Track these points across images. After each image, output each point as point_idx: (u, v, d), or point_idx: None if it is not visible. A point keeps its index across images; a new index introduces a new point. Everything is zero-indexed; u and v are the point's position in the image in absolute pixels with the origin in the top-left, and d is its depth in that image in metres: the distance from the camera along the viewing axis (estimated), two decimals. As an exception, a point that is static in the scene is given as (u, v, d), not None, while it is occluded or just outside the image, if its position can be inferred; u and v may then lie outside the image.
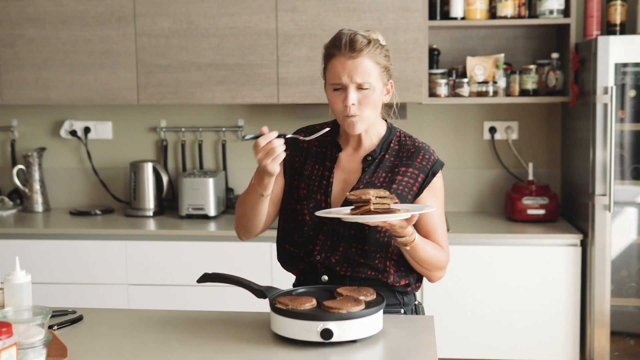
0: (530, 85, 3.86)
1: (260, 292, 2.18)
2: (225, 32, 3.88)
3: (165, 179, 4.16)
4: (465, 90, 3.87)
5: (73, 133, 4.35)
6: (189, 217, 4.03)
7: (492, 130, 4.15)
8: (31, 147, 4.41)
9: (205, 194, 4.01)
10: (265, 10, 3.83)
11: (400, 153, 2.38)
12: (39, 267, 3.80)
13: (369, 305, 2.08)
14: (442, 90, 3.88)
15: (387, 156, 2.37)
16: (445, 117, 4.19)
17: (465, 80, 3.87)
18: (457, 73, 4.01)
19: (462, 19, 3.86)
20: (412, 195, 2.33)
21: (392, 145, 2.39)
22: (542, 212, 3.84)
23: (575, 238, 3.59)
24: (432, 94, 3.91)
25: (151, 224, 3.96)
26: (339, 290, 2.16)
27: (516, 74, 3.88)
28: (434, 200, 2.36)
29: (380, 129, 2.40)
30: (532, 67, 3.85)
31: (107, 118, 4.38)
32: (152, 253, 3.78)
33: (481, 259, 3.64)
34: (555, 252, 3.60)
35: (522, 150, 4.17)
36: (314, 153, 2.43)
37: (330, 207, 2.33)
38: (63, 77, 3.98)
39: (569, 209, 3.95)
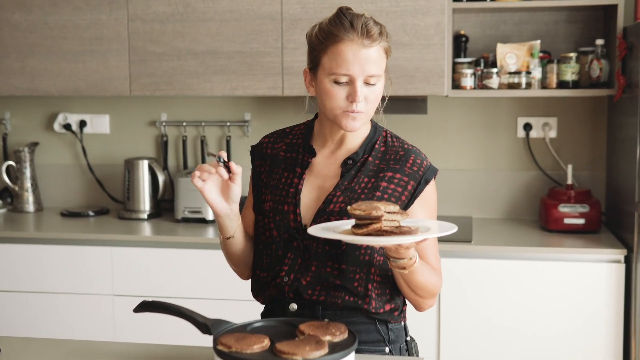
0: (569, 76, 3.37)
1: (205, 326, 1.77)
2: (225, 16, 3.48)
3: (161, 178, 3.78)
4: (494, 81, 3.40)
5: (67, 127, 4.00)
6: (185, 220, 3.65)
7: (527, 127, 3.67)
8: (24, 141, 4.08)
9: (203, 195, 3.61)
10: (269, -9, 3.42)
11: (386, 156, 1.97)
12: (20, 273, 3.46)
13: (335, 348, 1.66)
14: (468, 81, 3.42)
15: (370, 159, 1.97)
16: (473, 112, 3.72)
17: (495, 70, 3.40)
18: (487, 62, 3.54)
19: (492, 0, 3.38)
20: (400, 206, 1.92)
21: (376, 146, 1.99)
22: (581, 221, 3.35)
23: (619, 253, 3.09)
24: (457, 85, 3.45)
25: (142, 228, 3.58)
26: (302, 327, 1.75)
27: (553, 64, 3.40)
28: (426, 213, 1.96)
29: (365, 129, 2.00)
30: (572, 55, 3.36)
31: (104, 111, 4.02)
32: (141, 261, 3.40)
33: (509, 274, 3.17)
34: (595, 269, 3.11)
35: (562, 150, 3.68)
36: (282, 159, 2.03)
37: (299, 219, 1.93)
38: (51, 65, 3.63)
39: (614, 218, 3.45)
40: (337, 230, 1.79)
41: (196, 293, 3.36)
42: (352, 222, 1.81)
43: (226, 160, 1.87)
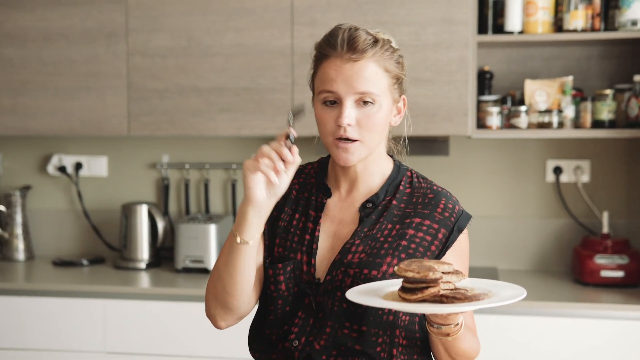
0: (605, 115, 3.09)
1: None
2: (232, 51, 3.23)
3: (160, 224, 3.50)
4: (522, 120, 3.13)
5: (62, 169, 3.74)
6: (186, 270, 3.36)
7: (558, 170, 3.38)
8: (16, 184, 3.82)
9: (205, 243, 3.34)
10: (279, 23, 3.18)
11: (413, 199, 1.70)
12: (3, 328, 3.17)
13: None
14: (494, 121, 3.15)
15: (394, 202, 1.70)
16: (499, 154, 3.45)
17: (523, 108, 3.13)
18: (514, 100, 3.27)
19: (520, 33, 3.13)
20: (429, 257, 1.66)
21: (401, 188, 1.71)
22: (619, 274, 3.06)
23: (664, 311, 2.80)
24: (482, 125, 3.18)
25: (139, 279, 3.30)
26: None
27: (587, 101, 3.13)
28: (459, 266, 1.68)
29: (385, 167, 1.74)
30: (608, 92, 3.09)
31: (102, 152, 3.76)
32: (136, 315, 3.11)
33: (538, 333, 2.86)
34: (636, 327, 2.80)
35: (596, 195, 3.39)
36: (293, 199, 1.76)
37: (314, 271, 1.66)
38: (44, 103, 3.39)
39: (656, 271, 3.15)
40: (379, 294, 1.52)
41: (197, 351, 3.06)
42: (394, 282, 1.55)
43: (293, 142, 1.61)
